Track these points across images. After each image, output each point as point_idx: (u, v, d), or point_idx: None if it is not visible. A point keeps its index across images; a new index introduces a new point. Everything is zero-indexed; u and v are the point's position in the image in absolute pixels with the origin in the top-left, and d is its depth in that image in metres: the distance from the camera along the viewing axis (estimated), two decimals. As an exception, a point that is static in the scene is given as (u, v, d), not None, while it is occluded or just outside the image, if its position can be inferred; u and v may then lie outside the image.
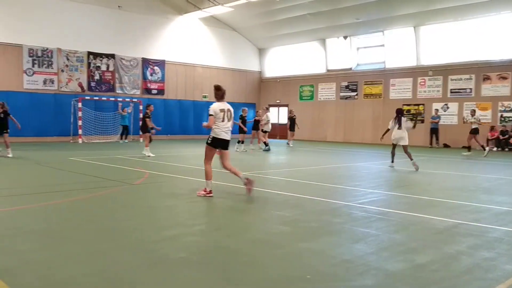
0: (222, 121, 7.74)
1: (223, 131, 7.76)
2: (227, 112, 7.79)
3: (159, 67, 27.75)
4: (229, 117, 7.82)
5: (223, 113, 7.74)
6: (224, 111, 7.75)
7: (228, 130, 7.86)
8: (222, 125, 7.76)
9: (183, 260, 4.35)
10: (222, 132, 7.76)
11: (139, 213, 6.60)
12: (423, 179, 11.11)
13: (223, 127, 7.77)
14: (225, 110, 7.77)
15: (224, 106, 7.81)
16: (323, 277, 3.96)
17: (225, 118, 7.75)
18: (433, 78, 24.57)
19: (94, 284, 3.70)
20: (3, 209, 6.60)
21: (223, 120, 7.74)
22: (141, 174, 10.74)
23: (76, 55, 24.33)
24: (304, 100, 30.83)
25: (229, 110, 7.87)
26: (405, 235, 5.50)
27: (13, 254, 4.43)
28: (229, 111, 7.84)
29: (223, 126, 7.77)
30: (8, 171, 11.55)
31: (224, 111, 7.75)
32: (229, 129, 7.88)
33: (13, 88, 22.44)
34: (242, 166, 13.14)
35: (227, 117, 7.78)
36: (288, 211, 6.68)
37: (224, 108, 7.77)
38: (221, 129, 7.75)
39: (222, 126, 7.76)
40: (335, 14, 25.65)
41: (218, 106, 7.77)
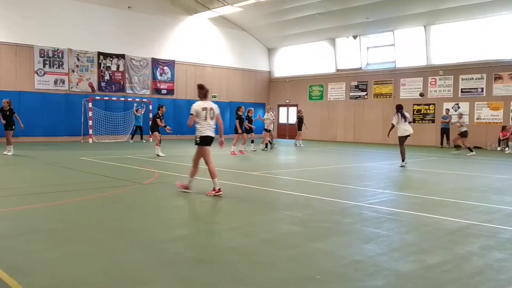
0: (205, 120, 7.86)
1: (207, 128, 7.89)
2: (209, 111, 7.89)
3: (168, 67, 27.84)
4: (211, 116, 7.93)
5: (205, 111, 7.85)
6: (206, 109, 7.86)
7: (211, 127, 7.97)
8: (205, 124, 7.88)
9: (193, 259, 4.36)
10: (206, 130, 7.89)
11: (149, 213, 6.63)
12: (434, 179, 11.04)
13: (207, 125, 7.89)
14: (208, 108, 7.88)
15: (207, 104, 7.92)
16: (333, 278, 3.95)
17: (207, 116, 7.87)
18: (444, 78, 24.39)
19: (104, 283, 3.72)
20: (14, 208, 6.66)
21: (205, 118, 7.86)
22: (150, 174, 10.78)
23: (86, 56, 24.49)
24: (313, 100, 30.76)
25: (212, 108, 7.96)
26: (416, 235, 5.46)
27: (25, 253, 4.46)
28: (211, 110, 7.94)
29: (206, 124, 7.89)
30: (19, 170, 11.66)
31: (207, 110, 7.86)
32: (212, 126, 7.99)
33: (24, 88, 22.65)
34: (251, 166, 13.15)
35: (209, 115, 7.89)
36: (298, 211, 6.67)
37: (206, 106, 7.88)
38: (204, 127, 7.88)
39: (206, 124, 7.89)
40: (344, 13, 25.55)
41: (200, 105, 7.89)
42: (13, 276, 3.75)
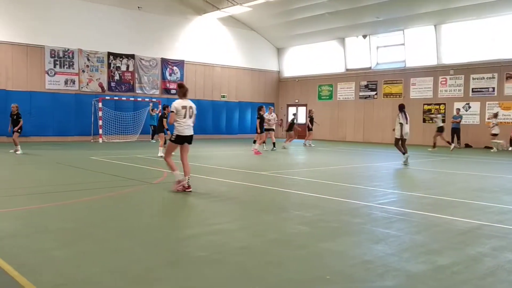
0: (183, 118, 8.03)
1: (185, 128, 8.06)
2: (188, 109, 8.08)
3: (178, 67, 27.92)
4: (190, 114, 8.11)
5: (185, 110, 8.04)
6: (186, 108, 8.05)
7: (190, 127, 8.16)
8: (183, 122, 8.04)
9: (204, 258, 4.36)
10: (184, 129, 8.07)
11: (159, 212, 6.65)
12: (444, 179, 10.96)
13: (185, 124, 8.05)
14: (187, 107, 8.07)
15: (186, 103, 8.11)
16: (343, 278, 3.93)
17: (186, 115, 8.04)
18: (455, 77, 24.20)
19: (116, 282, 3.73)
20: (25, 207, 6.71)
21: (184, 117, 8.03)
22: (160, 173, 10.82)
23: (96, 56, 24.64)
24: (323, 100, 30.68)
25: (191, 107, 8.15)
26: (427, 236, 5.42)
27: (36, 252, 4.49)
28: (191, 108, 8.13)
29: (184, 123, 8.05)
30: (30, 170, 11.75)
31: (186, 108, 8.05)
32: (190, 125, 8.17)
33: (35, 88, 22.84)
34: (261, 166, 13.14)
35: (188, 114, 8.07)
36: (308, 211, 6.65)
37: (186, 105, 8.07)
38: (183, 126, 8.05)
39: (184, 123, 8.05)
40: (354, 13, 25.46)
41: (180, 103, 8.08)
42: (23, 274, 3.78)
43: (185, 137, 8.14)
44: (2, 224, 5.64)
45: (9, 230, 5.35)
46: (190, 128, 8.18)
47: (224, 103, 30.25)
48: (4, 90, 21.97)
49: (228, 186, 9.17)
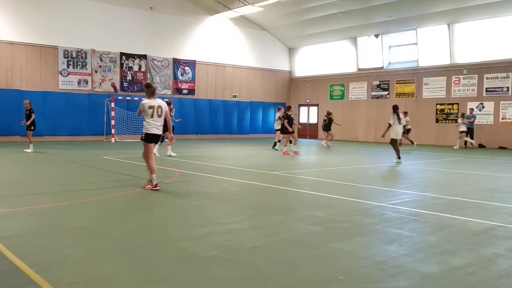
0: (151, 118, 8.15)
1: (153, 126, 8.20)
2: (157, 109, 8.16)
3: (189, 67, 28.01)
4: (159, 114, 8.20)
5: (152, 109, 8.14)
6: (153, 107, 8.14)
7: (160, 126, 8.30)
8: (152, 121, 8.17)
9: (215, 258, 4.36)
10: (153, 128, 8.21)
11: (170, 211, 6.67)
12: (458, 180, 10.86)
13: (153, 123, 8.18)
14: (155, 106, 8.15)
15: (154, 102, 8.20)
16: (356, 278, 3.91)
17: (154, 114, 8.14)
18: (468, 77, 23.96)
19: (128, 280, 3.75)
20: (40, 206, 6.78)
21: (152, 116, 8.14)
22: (172, 173, 10.86)
23: (109, 56, 24.81)
24: (334, 100, 30.57)
25: (160, 106, 8.21)
26: (440, 236, 5.37)
27: (49, 250, 4.54)
28: (159, 108, 8.20)
29: (153, 122, 8.17)
30: (45, 169, 11.87)
31: (154, 108, 8.14)
32: (160, 124, 8.30)
33: (49, 88, 23.07)
34: (273, 166, 13.13)
35: (157, 113, 8.16)
36: (320, 211, 6.63)
37: (153, 105, 8.16)
38: (151, 125, 8.18)
39: (152, 122, 8.17)
40: (366, 12, 25.32)
41: (148, 103, 8.19)
42: (38, 272, 3.82)
43: (153, 136, 8.29)
44: (17, 223, 5.70)
45: (24, 229, 5.41)
46: (159, 127, 8.31)
47: (235, 103, 30.28)
48: (18, 90, 22.21)
49: (239, 186, 9.18)
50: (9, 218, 5.97)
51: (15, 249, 4.45)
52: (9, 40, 22.03)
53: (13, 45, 22.18)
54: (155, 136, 8.31)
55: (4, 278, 3.76)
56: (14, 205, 6.83)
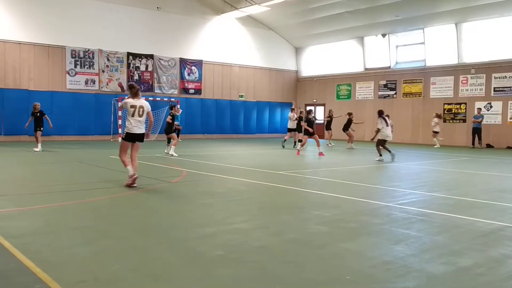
0: (132, 116, 8.40)
1: (134, 125, 8.43)
2: (138, 109, 8.43)
3: (196, 67, 28.05)
4: (140, 113, 8.49)
5: (134, 109, 8.40)
6: (135, 107, 8.42)
7: (141, 125, 8.57)
8: (133, 120, 8.43)
9: (220, 258, 4.36)
10: (133, 127, 8.45)
11: (177, 211, 6.68)
12: (465, 180, 10.80)
13: (134, 123, 8.43)
14: (137, 106, 8.43)
15: (136, 102, 8.47)
16: (363, 278, 3.89)
17: (135, 114, 8.41)
18: (476, 76, 23.81)
19: (133, 280, 3.76)
20: (47, 205, 6.81)
21: (133, 115, 8.39)
22: (178, 172, 10.88)
23: (116, 56, 24.89)
24: (341, 99, 30.50)
25: (142, 106, 8.50)
26: (448, 237, 5.34)
27: (57, 249, 4.55)
28: (141, 108, 8.48)
29: (133, 121, 8.43)
30: (53, 169, 11.93)
31: (136, 107, 8.41)
32: (141, 123, 8.57)
33: (57, 88, 23.19)
34: (280, 165, 13.12)
35: (138, 113, 8.43)
36: (327, 211, 6.61)
37: (135, 104, 8.44)
38: (132, 124, 8.42)
39: (133, 121, 8.43)
40: (373, 11, 25.23)
41: (130, 101, 8.49)
42: (46, 271, 3.84)
43: (133, 135, 8.51)
44: (24, 222, 5.73)
45: (31, 228, 5.44)
46: (140, 126, 8.53)
47: (242, 103, 30.29)
48: (26, 90, 22.35)
49: (246, 185, 9.18)
50: (17, 217, 6.00)
51: (23, 248, 4.48)
52: (17, 40, 22.16)
53: (21, 45, 22.31)
54: (135, 135, 8.53)
55: (12, 277, 3.78)
56: (22, 204, 6.87)
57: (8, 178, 9.82)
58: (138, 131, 8.53)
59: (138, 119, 8.47)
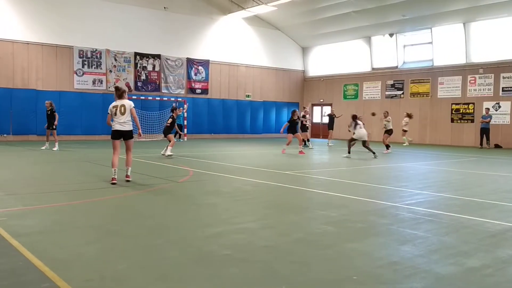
0: (115, 115, 8.95)
1: (116, 123, 8.95)
2: (120, 107, 8.90)
3: (203, 66, 28.09)
4: (122, 111, 8.90)
5: (116, 108, 8.92)
6: (116, 107, 8.92)
7: (122, 122, 8.94)
8: (115, 118, 8.95)
9: (228, 257, 4.37)
10: (116, 124, 8.96)
11: (184, 210, 6.69)
12: (474, 180, 10.73)
13: (116, 120, 8.95)
14: (118, 105, 8.91)
15: (118, 103, 8.95)
16: (370, 279, 3.88)
17: (117, 112, 8.90)
18: (484, 76, 23.67)
19: (143, 279, 3.77)
20: (54, 204, 6.85)
21: (115, 114, 8.93)
22: (185, 172, 10.90)
23: (123, 56, 24.99)
24: (348, 99, 30.42)
25: (123, 105, 8.93)
26: (456, 237, 5.31)
27: (65, 248, 4.58)
28: (122, 106, 8.91)
29: (116, 119, 8.94)
30: (61, 168, 11.99)
31: (117, 107, 8.91)
32: (122, 121, 8.94)
33: (64, 88, 23.32)
34: (286, 165, 13.11)
35: (119, 111, 8.89)
36: (333, 211, 6.59)
37: (117, 104, 8.93)
38: (115, 122, 8.96)
39: (115, 119, 8.94)
40: (380, 11, 25.15)
41: (113, 104, 9.01)
42: (54, 269, 3.86)
43: (116, 132, 8.97)
44: (33, 221, 5.77)
45: (39, 227, 5.47)
46: (122, 124, 8.94)
47: (248, 103, 30.30)
48: (34, 89, 22.50)
49: (253, 185, 9.17)
50: (25, 216, 6.04)
51: (31, 247, 4.50)
52: (25, 40, 22.31)
53: (29, 45, 22.46)
54: (118, 132, 8.98)
55: (20, 275, 3.80)
56: (30, 203, 6.91)
57: (16, 177, 9.88)
58: (120, 128, 8.93)
59: (120, 117, 8.90)
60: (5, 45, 21.89)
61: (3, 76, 21.91)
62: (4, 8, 21.68)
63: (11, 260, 4.16)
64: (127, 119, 8.97)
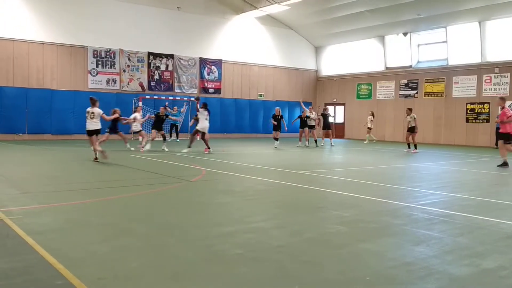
0: (87, 119, 12.44)
1: (88, 124, 12.41)
2: (90, 114, 12.39)
3: (216, 66, 28.14)
4: (91, 116, 12.38)
5: (88, 114, 12.44)
6: (88, 112, 12.44)
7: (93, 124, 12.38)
8: (88, 121, 12.43)
9: (240, 256, 4.36)
10: (88, 125, 12.43)
11: (196, 209, 6.71)
12: (489, 181, 10.59)
13: (88, 122, 12.43)
14: (89, 112, 12.42)
15: (90, 109, 12.42)
16: (383, 280, 3.85)
17: (88, 117, 12.44)
18: (500, 75, 23.35)
19: (155, 277, 3.78)
20: (68, 203, 6.91)
21: (88, 118, 12.43)
22: (198, 171, 10.93)
23: (137, 56, 25.14)
24: (361, 99, 30.25)
25: (93, 112, 12.38)
26: (470, 238, 5.24)
27: (78, 246, 4.61)
28: (92, 113, 12.38)
29: (88, 121, 12.42)
30: (73, 166, 12.10)
31: (89, 113, 12.43)
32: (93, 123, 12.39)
33: (79, 88, 23.53)
34: (298, 165, 13.07)
35: (89, 116, 12.40)
36: (346, 211, 6.56)
37: (88, 111, 12.45)
38: (88, 123, 12.43)
39: (88, 121, 12.43)
40: (394, 10, 24.95)
41: (87, 110, 12.49)
42: (68, 267, 3.89)
43: (88, 131, 12.40)
44: (47, 219, 5.82)
45: (54, 225, 5.52)
46: (93, 124, 12.37)
47: (261, 102, 30.28)
48: (49, 89, 22.74)
49: (265, 184, 9.16)
50: (40, 214, 6.10)
51: (46, 244, 4.55)
52: (40, 40, 22.56)
53: (44, 45, 22.71)
54: (90, 130, 12.38)
55: (35, 272, 3.84)
56: (44, 201, 6.98)
57: (31, 176, 10.00)
58: (91, 127, 12.37)
59: (91, 120, 12.37)
60: (21, 45, 22.16)
61: (18, 76, 22.20)
62: (19, 8, 21.94)
63: (26, 257, 4.20)
64: (97, 121, 12.42)
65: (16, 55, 22.06)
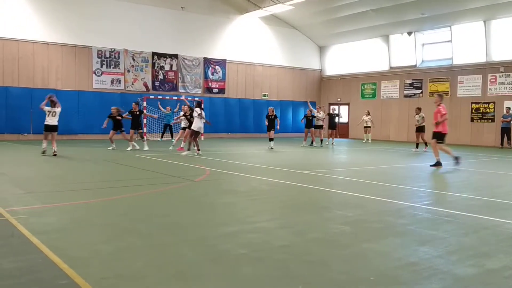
0: (47, 117, 13.78)
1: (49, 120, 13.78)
2: (52, 113, 13.78)
3: (220, 66, 28.16)
4: (53, 115, 13.82)
5: (49, 112, 13.77)
6: (50, 111, 13.78)
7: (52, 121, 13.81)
8: (48, 118, 13.78)
9: (244, 256, 4.36)
10: (47, 121, 13.78)
11: (200, 209, 6.71)
12: (494, 180, 10.55)
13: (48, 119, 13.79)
14: (51, 111, 13.79)
15: (51, 109, 13.80)
16: (387, 280, 3.83)
17: (49, 115, 13.76)
18: (505, 75, 23.25)
19: (159, 277, 3.78)
20: (73, 202, 6.92)
21: (48, 115, 13.79)
22: (202, 171, 10.93)
23: (141, 56, 25.19)
24: (366, 99, 30.19)
25: (54, 111, 13.88)
26: (475, 238, 5.22)
27: (82, 245, 4.62)
28: (54, 112, 13.87)
29: (48, 118, 13.78)
30: (77, 166, 12.13)
31: (51, 112, 13.79)
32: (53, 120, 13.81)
33: (83, 88, 23.61)
34: (302, 164, 13.06)
35: (51, 114, 13.77)
36: (350, 211, 6.54)
37: (50, 110, 13.79)
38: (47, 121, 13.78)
39: (48, 118, 13.78)
40: (399, 9, 24.88)
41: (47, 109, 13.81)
42: (72, 267, 3.89)
43: (47, 126, 13.80)
44: (51, 219, 5.84)
45: (58, 225, 5.54)
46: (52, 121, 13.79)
47: (265, 102, 30.27)
48: (54, 89, 22.79)
49: (269, 184, 9.16)
50: (44, 214, 6.12)
51: (50, 244, 4.56)
52: (45, 40, 22.65)
53: (49, 45, 22.79)
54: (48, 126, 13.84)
55: (39, 272, 3.85)
56: (48, 201, 7.01)
57: (35, 176, 10.03)
58: (51, 123, 13.77)
59: (52, 118, 13.78)
60: (26, 45, 22.25)
61: (23, 76, 22.29)
62: (24, 9, 22.04)
63: (30, 257, 4.22)
64: (56, 119, 13.88)
65: (21, 55, 22.15)
